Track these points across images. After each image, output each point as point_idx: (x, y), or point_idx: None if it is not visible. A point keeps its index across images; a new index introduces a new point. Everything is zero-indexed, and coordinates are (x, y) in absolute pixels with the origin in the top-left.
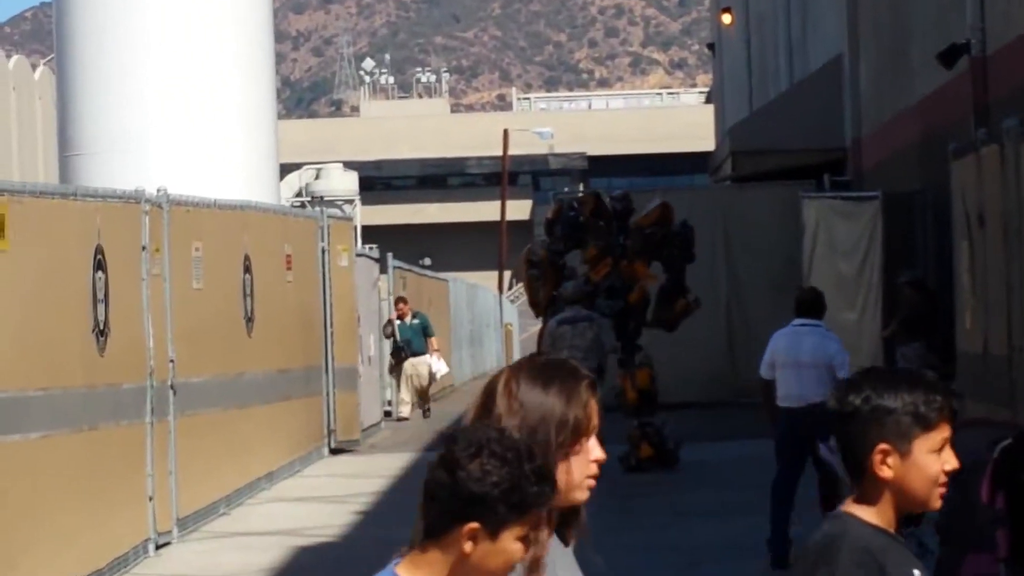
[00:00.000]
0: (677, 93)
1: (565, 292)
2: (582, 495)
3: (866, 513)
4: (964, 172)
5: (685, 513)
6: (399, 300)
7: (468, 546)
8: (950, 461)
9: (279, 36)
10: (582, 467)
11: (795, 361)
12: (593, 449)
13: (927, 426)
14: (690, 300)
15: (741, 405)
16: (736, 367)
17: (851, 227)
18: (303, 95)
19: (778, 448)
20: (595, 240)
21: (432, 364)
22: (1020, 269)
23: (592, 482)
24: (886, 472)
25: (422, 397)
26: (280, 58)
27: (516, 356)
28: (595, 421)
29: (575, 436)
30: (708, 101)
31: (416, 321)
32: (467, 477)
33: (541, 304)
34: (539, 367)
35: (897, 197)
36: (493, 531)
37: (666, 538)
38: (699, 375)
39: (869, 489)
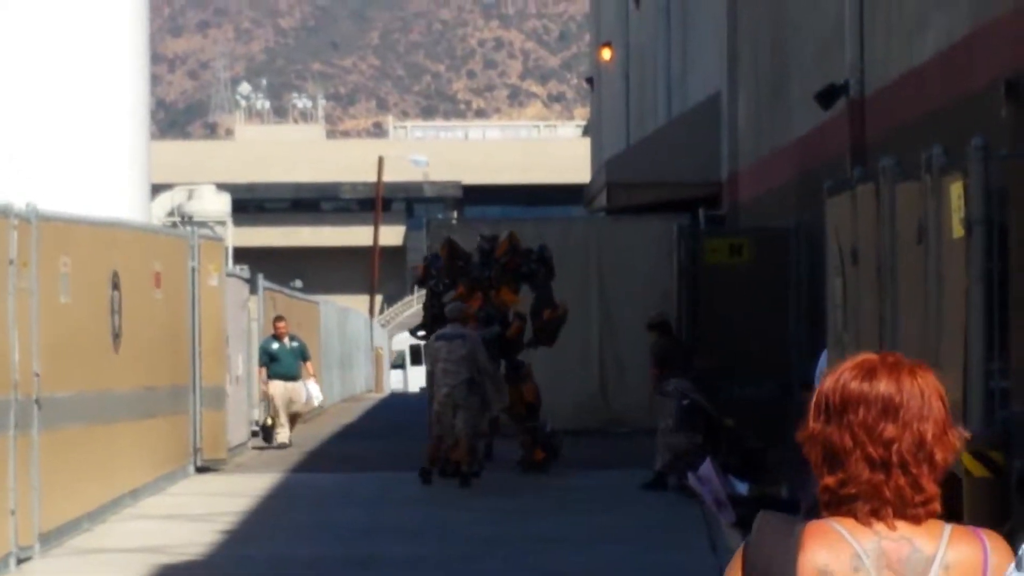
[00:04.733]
0: (554, 126)
1: (447, 310)
2: None
3: None
4: (838, 209)
5: (550, 539)
6: (278, 319)
7: None
8: None
9: (155, 59)
10: None
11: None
12: None
13: None
14: (555, 309)
15: (611, 434)
16: (607, 397)
17: None
18: (178, 117)
19: None
20: (462, 278)
21: (310, 389)
22: (892, 305)
23: None
24: None
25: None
26: (156, 80)
27: (386, 379)
28: None
29: None
30: (585, 134)
31: (296, 344)
32: None
33: None
34: None
35: (771, 232)
36: None
37: (528, 564)
38: (569, 404)
39: None
